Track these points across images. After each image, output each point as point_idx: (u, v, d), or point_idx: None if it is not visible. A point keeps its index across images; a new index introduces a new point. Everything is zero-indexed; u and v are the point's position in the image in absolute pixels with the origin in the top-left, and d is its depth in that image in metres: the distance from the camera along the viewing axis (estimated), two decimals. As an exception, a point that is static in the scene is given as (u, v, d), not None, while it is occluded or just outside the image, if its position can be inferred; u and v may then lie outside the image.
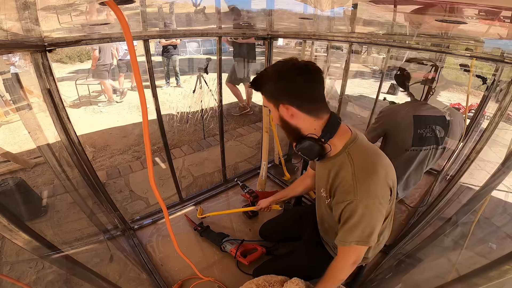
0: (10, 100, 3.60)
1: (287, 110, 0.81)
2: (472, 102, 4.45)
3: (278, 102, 0.82)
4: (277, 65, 0.81)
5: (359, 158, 0.81)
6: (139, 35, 1.24)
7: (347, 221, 0.80)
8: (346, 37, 1.54)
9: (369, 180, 0.77)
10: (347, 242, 0.81)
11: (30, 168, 2.52)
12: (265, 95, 0.85)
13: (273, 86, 0.81)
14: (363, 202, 0.76)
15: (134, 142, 3.20)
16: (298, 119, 0.83)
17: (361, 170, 0.78)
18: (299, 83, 0.78)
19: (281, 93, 0.81)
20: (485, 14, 0.89)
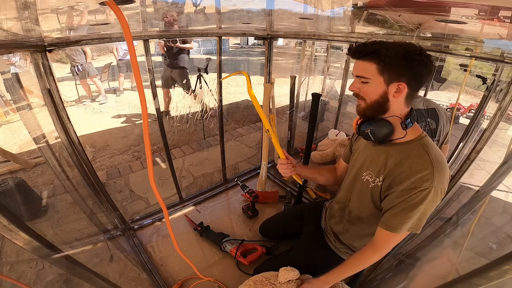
0: (10, 100, 3.60)
1: (399, 89, 0.80)
2: (472, 102, 4.46)
3: (396, 78, 0.79)
4: (405, 45, 0.79)
5: (434, 151, 0.83)
6: (139, 35, 1.24)
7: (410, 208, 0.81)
8: (346, 37, 1.54)
9: (445, 170, 0.80)
10: (403, 229, 0.82)
11: (30, 168, 2.52)
12: (381, 66, 0.79)
13: (400, 63, 0.77)
14: (437, 189, 0.78)
15: (134, 142, 3.20)
16: (397, 101, 0.82)
17: (438, 160, 0.80)
18: (426, 69, 0.78)
19: (405, 72, 0.78)
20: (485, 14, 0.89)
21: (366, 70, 0.81)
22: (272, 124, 1.92)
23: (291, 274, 1.01)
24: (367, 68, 0.80)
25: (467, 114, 4.13)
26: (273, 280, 1.04)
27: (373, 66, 0.79)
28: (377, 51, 0.78)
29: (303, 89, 3.49)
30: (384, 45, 0.78)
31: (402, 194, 0.82)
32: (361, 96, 0.85)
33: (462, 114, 4.14)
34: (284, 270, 1.03)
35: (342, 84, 2.78)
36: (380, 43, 0.79)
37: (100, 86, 4.92)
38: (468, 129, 1.91)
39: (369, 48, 0.79)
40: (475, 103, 4.28)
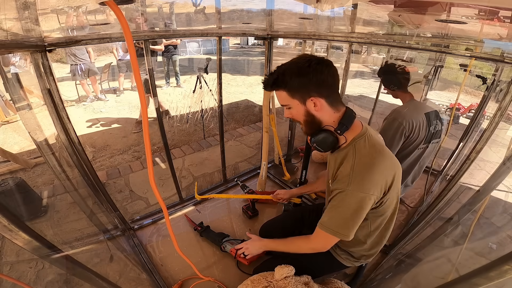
0: (10, 100, 3.60)
1: (315, 103, 0.83)
2: (472, 102, 4.46)
3: (306, 95, 0.83)
4: (297, 61, 0.82)
5: (361, 152, 0.84)
6: (139, 35, 1.24)
7: (333, 208, 0.86)
8: (346, 37, 1.54)
9: (364, 174, 0.80)
10: (326, 228, 0.88)
11: (30, 168, 2.52)
12: (290, 92, 0.84)
13: (300, 81, 0.81)
14: (353, 193, 0.80)
15: (134, 142, 3.20)
16: (323, 112, 0.86)
17: (360, 163, 0.81)
18: (326, 74, 0.81)
19: (309, 86, 0.81)
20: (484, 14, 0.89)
21: (281, 98, 0.87)
22: (272, 124, 1.92)
23: (285, 270, 1.02)
24: (281, 96, 0.87)
25: (467, 114, 4.13)
26: (270, 278, 1.05)
27: (283, 93, 0.85)
28: (276, 80, 0.84)
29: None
30: (281, 71, 0.83)
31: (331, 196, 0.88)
32: (295, 120, 0.91)
33: (462, 114, 4.14)
34: (279, 267, 1.04)
35: (342, 84, 2.78)
36: (277, 70, 0.84)
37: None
38: (468, 129, 1.91)
39: (270, 79, 0.85)
40: (475, 103, 4.28)
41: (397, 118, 1.38)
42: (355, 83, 6.40)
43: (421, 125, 1.40)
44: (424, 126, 1.41)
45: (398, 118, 1.38)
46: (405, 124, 1.36)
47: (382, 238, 1.01)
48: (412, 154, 1.47)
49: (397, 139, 1.38)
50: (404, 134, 1.38)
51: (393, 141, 1.39)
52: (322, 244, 0.95)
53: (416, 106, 1.46)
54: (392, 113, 1.43)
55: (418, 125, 1.39)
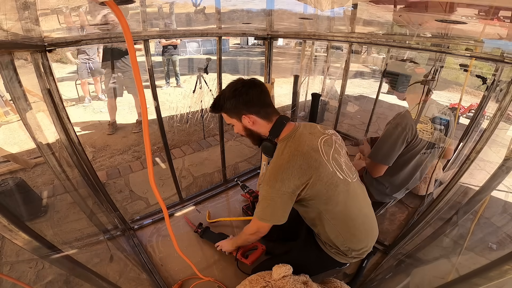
0: (10, 100, 3.60)
1: (248, 119, 1.00)
2: (472, 102, 4.46)
3: (240, 114, 1.01)
4: (230, 86, 1.02)
5: (278, 153, 1.00)
6: (139, 35, 1.24)
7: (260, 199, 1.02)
8: (346, 37, 1.54)
9: (272, 171, 0.96)
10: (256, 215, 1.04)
11: (30, 168, 2.52)
12: (227, 113, 1.04)
13: (232, 103, 0.99)
14: (264, 187, 0.97)
15: (134, 142, 3.20)
16: (258, 125, 1.03)
17: (273, 162, 0.98)
18: (251, 94, 0.99)
19: (240, 106, 0.99)
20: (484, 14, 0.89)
21: (225, 119, 1.07)
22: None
23: (283, 269, 1.02)
24: (224, 117, 1.07)
25: (467, 114, 4.13)
26: (268, 278, 1.05)
27: (225, 115, 1.06)
28: (215, 105, 1.05)
29: (303, 89, 3.50)
30: (218, 96, 1.05)
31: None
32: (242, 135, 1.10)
33: (462, 114, 4.14)
34: (276, 267, 1.04)
35: (342, 84, 2.78)
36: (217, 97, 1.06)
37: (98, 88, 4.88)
38: (468, 129, 1.91)
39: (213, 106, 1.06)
40: (475, 103, 4.28)
41: (400, 124, 1.36)
42: (355, 83, 6.40)
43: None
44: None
45: (401, 123, 1.36)
46: (408, 130, 1.35)
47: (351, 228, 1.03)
48: (414, 159, 1.46)
49: (398, 145, 1.37)
50: (406, 140, 1.37)
51: (395, 146, 1.38)
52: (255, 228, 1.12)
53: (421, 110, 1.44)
54: (396, 118, 1.41)
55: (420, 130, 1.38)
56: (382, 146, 1.41)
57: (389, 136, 1.39)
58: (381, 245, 1.51)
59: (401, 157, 1.45)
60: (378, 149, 1.45)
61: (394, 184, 1.58)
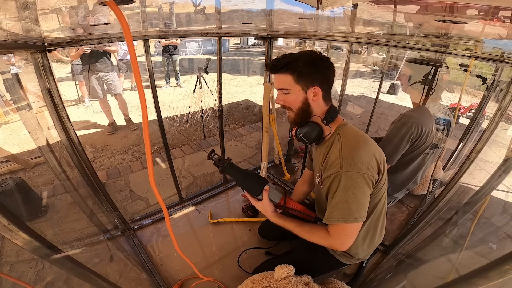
0: (10, 100, 3.60)
1: (315, 93, 0.89)
2: (472, 102, 4.46)
3: (310, 84, 0.88)
4: (309, 53, 0.89)
5: (346, 136, 0.90)
6: (139, 35, 1.24)
7: (334, 196, 0.85)
8: (346, 37, 1.54)
9: (354, 154, 0.83)
10: (334, 219, 0.85)
11: (30, 168, 2.52)
12: (297, 76, 0.87)
13: (310, 70, 0.87)
14: (348, 173, 0.81)
15: (134, 142, 3.20)
16: (317, 103, 0.92)
17: (347, 145, 0.86)
18: (330, 71, 0.90)
19: (316, 77, 0.88)
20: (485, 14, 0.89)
21: (284, 82, 0.89)
22: (272, 124, 1.92)
23: (285, 269, 1.02)
24: (285, 80, 0.89)
25: (467, 114, 4.13)
26: (269, 278, 1.05)
27: (289, 77, 0.88)
28: (289, 63, 0.87)
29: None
30: (293, 57, 0.88)
31: (324, 184, 0.88)
32: (287, 106, 0.94)
33: (462, 114, 4.14)
34: (279, 267, 1.04)
35: (342, 84, 2.78)
36: (289, 55, 0.89)
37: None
38: (468, 129, 1.91)
39: (281, 61, 0.88)
40: (475, 103, 4.28)
41: (406, 123, 1.35)
42: (355, 83, 6.40)
43: (430, 132, 1.38)
44: (433, 132, 1.40)
45: (407, 123, 1.35)
46: (414, 129, 1.34)
47: (375, 232, 1.02)
48: (417, 159, 1.46)
49: (403, 144, 1.37)
50: (411, 140, 1.37)
51: (399, 146, 1.38)
52: (342, 238, 0.88)
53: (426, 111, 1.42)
54: (402, 117, 1.39)
55: (427, 131, 1.37)
56: (386, 146, 1.41)
57: (394, 135, 1.39)
58: (381, 245, 1.51)
59: (405, 157, 1.45)
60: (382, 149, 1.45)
61: (396, 184, 1.58)
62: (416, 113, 1.40)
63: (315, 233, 0.94)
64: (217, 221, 1.65)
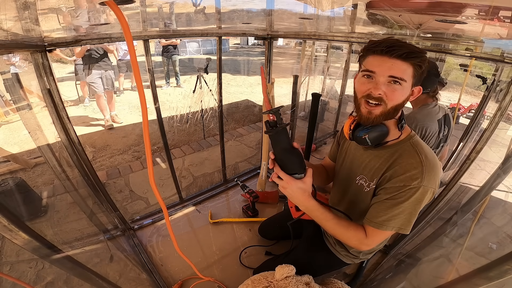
0: (10, 100, 3.60)
1: (417, 93, 0.82)
2: (472, 102, 4.46)
3: (419, 82, 0.80)
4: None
5: (425, 150, 0.82)
6: (139, 35, 1.24)
7: (397, 205, 0.80)
8: (346, 37, 1.54)
9: (435, 170, 0.79)
10: (389, 227, 0.81)
11: (30, 168, 2.52)
12: (415, 69, 0.76)
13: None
14: (426, 189, 0.77)
15: (134, 142, 3.20)
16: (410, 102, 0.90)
17: (428, 159, 0.80)
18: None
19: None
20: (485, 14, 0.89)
21: (404, 71, 0.75)
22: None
23: (286, 269, 1.01)
24: (405, 69, 0.75)
25: (467, 114, 4.13)
26: (270, 278, 1.05)
27: (410, 69, 0.75)
28: (414, 53, 0.74)
29: (303, 89, 3.50)
30: (415, 47, 0.75)
31: (390, 191, 0.82)
32: (383, 100, 0.78)
33: (462, 114, 4.14)
34: (279, 267, 1.03)
35: (342, 84, 2.78)
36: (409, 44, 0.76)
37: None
38: (468, 129, 1.91)
39: (407, 47, 0.74)
40: (475, 103, 4.28)
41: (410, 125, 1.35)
42: (355, 83, 6.39)
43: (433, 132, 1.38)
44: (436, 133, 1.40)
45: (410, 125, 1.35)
46: (418, 130, 1.34)
47: None
48: None
49: None
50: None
51: None
52: (377, 242, 0.87)
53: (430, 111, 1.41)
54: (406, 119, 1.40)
55: (430, 133, 1.37)
56: None
57: None
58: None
59: None
60: None
61: None
62: (419, 115, 1.40)
63: (352, 231, 0.86)
64: (217, 221, 1.65)
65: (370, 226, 0.84)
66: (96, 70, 3.39)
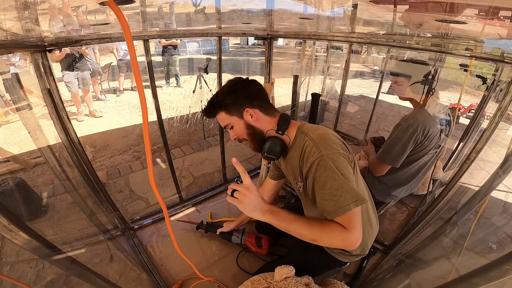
0: (10, 100, 3.60)
1: (251, 114, 0.92)
2: (472, 102, 4.46)
3: (242, 109, 0.92)
4: (227, 83, 0.97)
5: (310, 129, 0.91)
6: (139, 35, 1.24)
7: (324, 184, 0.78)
8: (346, 37, 1.54)
9: (325, 138, 0.85)
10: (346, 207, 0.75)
11: (30, 168, 2.52)
12: (227, 109, 0.94)
13: (232, 98, 0.93)
14: (328, 156, 0.79)
15: (134, 142, 3.20)
16: (261, 121, 0.95)
17: (316, 134, 0.87)
18: (252, 88, 0.95)
19: (242, 100, 0.93)
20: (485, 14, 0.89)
21: (222, 120, 0.97)
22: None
23: (285, 270, 1.01)
24: (222, 118, 0.96)
25: (467, 114, 4.13)
26: (269, 279, 1.05)
27: (222, 114, 0.95)
28: (213, 103, 0.96)
29: (303, 89, 3.50)
30: (214, 96, 0.97)
31: (312, 178, 0.83)
32: (241, 139, 0.98)
33: (462, 114, 4.14)
34: (279, 268, 1.04)
35: (342, 84, 2.78)
36: (212, 97, 0.98)
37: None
38: (468, 129, 1.91)
39: (208, 105, 0.97)
40: (475, 103, 4.28)
41: (412, 125, 1.35)
42: (355, 83, 6.40)
43: (435, 133, 1.38)
44: (437, 133, 1.40)
45: (412, 125, 1.35)
46: (420, 131, 1.35)
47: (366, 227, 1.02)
48: (420, 159, 1.46)
49: (409, 146, 1.37)
50: (417, 141, 1.37)
51: (405, 149, 1.38)
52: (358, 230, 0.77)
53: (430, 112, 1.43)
54: (407, 119, 1.39)
55: (432, 133, 1.37)
56: (392, 148, 1.41)
57: (399, 137, 1.38)
58: (381, 245, 1.51)
59: (409, 157, 1.45)
60: (388, 151, 1.45)
61: (396, 184, 1.58)
62: (420, 115, 1.40)
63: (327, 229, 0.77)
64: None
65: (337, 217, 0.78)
66: (73, 71, 3.76)
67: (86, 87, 3.97)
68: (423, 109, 1.44)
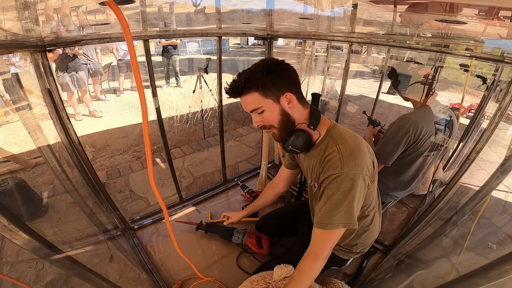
0: (10, 100, 3.60)
1: (288, 100, 0.84)
2: (472, 102, 4.46)
3: (281, 92, 0.82)
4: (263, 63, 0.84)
5: (342, 138, 0.85)
6: (139, 35, 1.24)
7: (331, 197, 0.79)
8: (346, 37, 1.54)
9: (355, 155, 0.80)
10: (334, 224, 0.79)
11: (30, 168, 2.52)
12: (263, 90, 0.82)
13: (272, 77, 0.81)
14: (350, 175, 0.77)
15: (134, 142, 3.20)
16: (295, 110, 0.87)
17: (346, 147, 0.82)
18: (291, 72, 0.85)
19: (283, 83, 0.82)
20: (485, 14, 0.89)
21: (253, 101, 0.84)
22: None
23: (284, 270, 1.01)
24: (252, 99, 0.83)
25: (467, 114, 4.13)
26: (268, 279, 1.05)
27: (255, 95, 0.82)
28: (248, 80, 0.81)
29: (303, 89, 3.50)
30: (250, 72, 0.82)
31: (323, 186, 0.84)
32: (267, 125, 0.88)
33: (462, 114, 4.13)
34: (278, 267, 1.03)
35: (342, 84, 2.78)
36: (244, 73, 0.84)
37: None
38: (468, 129, 1.91)
39: (240, 82, 0.82)
40: (475, 103, 4.28)
41: (404, 126, 1.35)
42: (355, 83, 6.41)
43: (428, 134, 1.37)
44: (432, 135, 1.39)
45: (405, 125, 1.35)
46: (412, 132, 1.34)
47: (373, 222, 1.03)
48: (416, 161, 1.46)
49: (400, 146, 1.37)
50: (408, 142, 1.37)
51: (397, 148, 1.38)
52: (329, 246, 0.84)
53: (427, 113, 1.42)
54: (400, 120, 1.40)
55: (426, 134, 1.37)
56: (385, 147, 1.41)
57: (391, 137, 1.39)
58: (381, 245, 1.51)
59: (405, 158, 1.45)
60: (380, 150, 1.45)
61: (399, 185, 1.58)
62: (415, 115, 1.40)
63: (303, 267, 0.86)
64: (217, 221, 1.65)
65: (318, 228, 0.83)
66: (67, 72, 3.72)
67: (83, 87, 3.92)
68: (420, 109, 1.44)
